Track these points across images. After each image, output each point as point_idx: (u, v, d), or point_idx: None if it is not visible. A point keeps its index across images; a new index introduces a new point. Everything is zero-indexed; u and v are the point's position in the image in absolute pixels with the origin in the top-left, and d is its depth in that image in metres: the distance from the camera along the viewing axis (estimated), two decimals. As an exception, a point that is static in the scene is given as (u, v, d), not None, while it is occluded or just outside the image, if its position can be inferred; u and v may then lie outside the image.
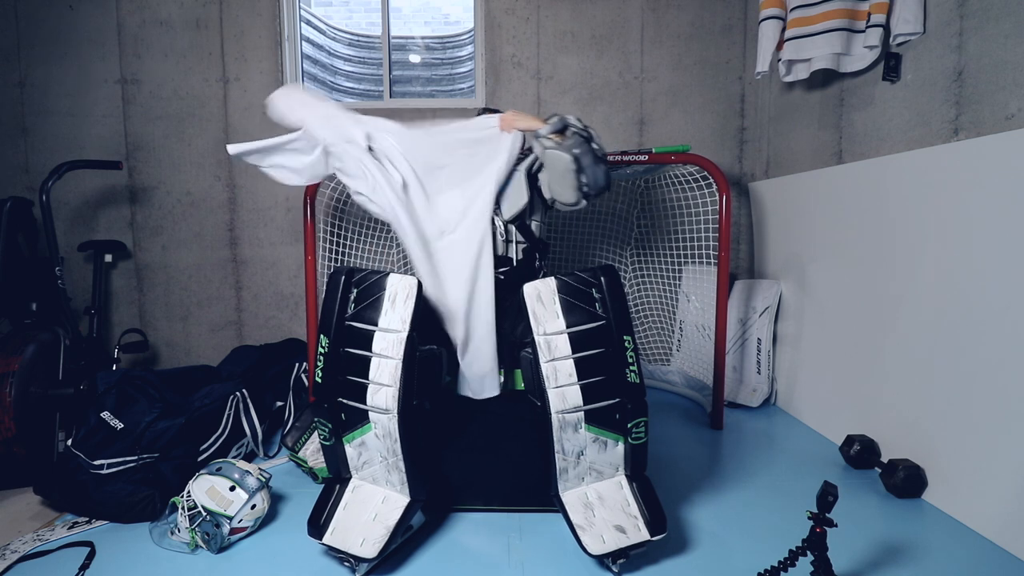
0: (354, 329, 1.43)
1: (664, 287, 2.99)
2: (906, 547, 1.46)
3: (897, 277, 1.89)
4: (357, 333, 1.43)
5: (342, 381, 1.43)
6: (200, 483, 1.51)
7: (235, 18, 2.96)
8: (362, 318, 1.43)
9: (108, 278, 3.03)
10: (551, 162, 1.61)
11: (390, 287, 1.44)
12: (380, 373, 1.40)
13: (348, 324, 1.44)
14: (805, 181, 2.50)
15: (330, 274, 1.49)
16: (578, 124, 1.63)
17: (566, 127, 1.63)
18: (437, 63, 3.24)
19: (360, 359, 1.42)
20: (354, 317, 1.44)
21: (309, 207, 2.32)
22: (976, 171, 1.59)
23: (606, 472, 1.45)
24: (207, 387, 2.06)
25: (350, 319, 1.44)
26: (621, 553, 1.33)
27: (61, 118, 2.95)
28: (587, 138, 1.61)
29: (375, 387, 1.40)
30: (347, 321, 1.44)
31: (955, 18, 1.72)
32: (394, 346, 1.39)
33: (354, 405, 1.42)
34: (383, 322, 1.41)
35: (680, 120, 3.05)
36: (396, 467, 1.43)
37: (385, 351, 1.40)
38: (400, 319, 1.41)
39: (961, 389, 1.62)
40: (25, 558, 1.45)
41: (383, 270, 1.50)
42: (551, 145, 1.60)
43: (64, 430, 2.05)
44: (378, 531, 1.37)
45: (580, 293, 1.43)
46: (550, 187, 1.67)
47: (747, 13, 2.96)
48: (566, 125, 1.63)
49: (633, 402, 1.39)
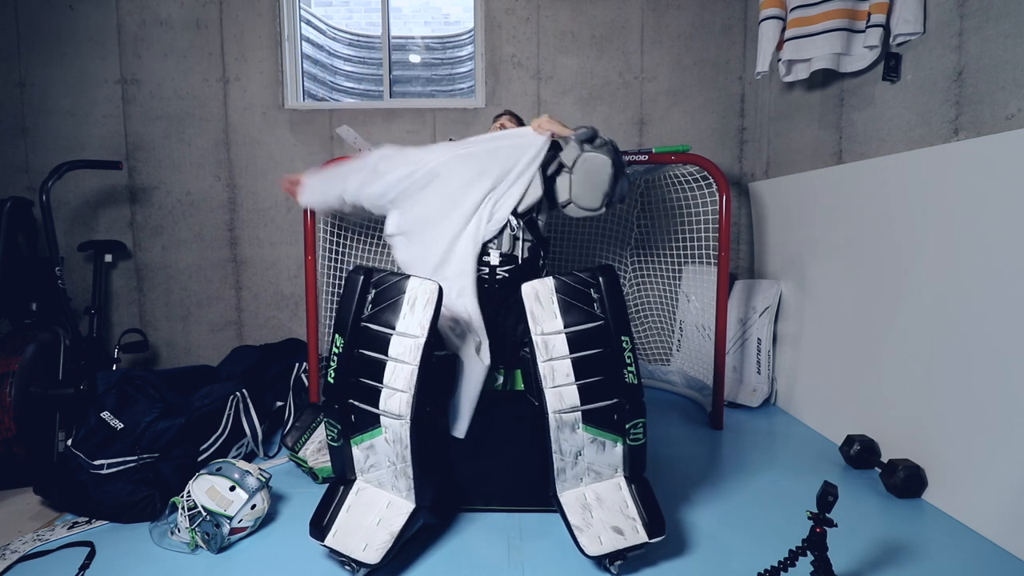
0: (370, 331, 1.40)
1: (664, 287, 2.99)
2: (906, 547, 1.46)
3: (897, 277, 1.89)
4: (373, 335, 1.40)
5: (355, 383, 1.40)
6: (200, 483, 1.51)
7: (235, 18, 2.96)
8: (379, 320, 1.40)
9: (108, 278, 3.03)
10: (589, 165, 1.67)
11: (410, 291, 1.40)
12: (395, 378, 1.37)
13: (364, 325, 1.41)
14: (805, 181, 2.50)
15: (348, 272, 1.45)
16: (604, 137, 1.71)
17: (595, 136, 1.69)
18: (437, 63, 3.24)
19: (375, 362, 1.39)
20: (371, 319, 1.41)
21: (309, 207, 2.31)
22: (976, 171, 1.59)
23: (604, 473, 1.45)
24: (207, 387, 2.06)
25: (366, 320, 1.41)
26: (619, 555, 1.32)
27: (61, 118, 2.95)
28: (615, 149, 1.69)
29: (389, 391, 1.37)
30: (363, 322, 1.41)
31: (955, 18, 1.72)
32: (411, 351, 1.36)
33: (366, 408, 1.39)
34: (401, 326, 1.38)
35: (680, 120, 3.05)
36: (404, 473, 1.41)
37: (402, 356, 1.37)
38: (419, 324, 1.37)
39: (961, 389, 1.62)
40: (25, 558, 1.45)
41: (403, 273, 1.46)
42: (590, 149, 1.66)
43: (64, 430, 2.05)
44: (381, 537, 1.35)
45: (578, 293, 1.42)
46: (573, 190, 1.71)
47: (747, 13, 2.96)
48: (596, 135, 1.70)
49: (631, 403, 1.39)
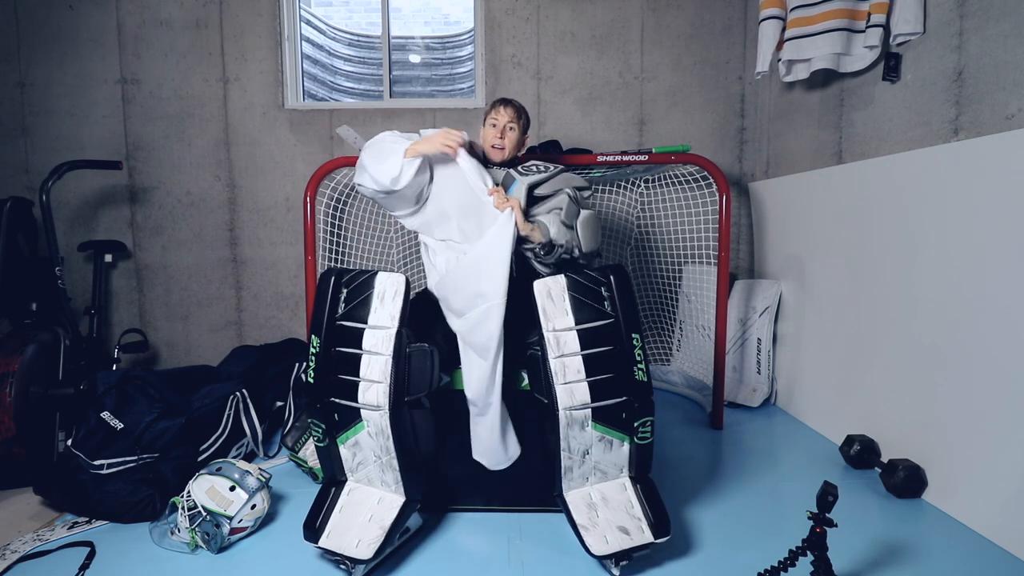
0: (345, 328, 1.45)
1: (664, 287, 2.99)
2: (906, 547, 1.46)
3: (897, 277, 1.89)
4: (348, 332, 1.44)
5: (334, 380, 1.44)
6: (200, 483, 1.51)
7: (235, 18, 2.96)
8: (352, 317, 1.45)
9: (108, 278, 3.03)
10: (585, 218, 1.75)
11: (379, 285, 1.45)
12: (371, 370, 1.41)
13: (339, 324, 1.45)
14: (805, 181, 2.50)
15: (320, 276, 1.50)
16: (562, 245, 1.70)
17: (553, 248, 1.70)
18: (437, 63, 3.24)
19: (351, 357, 1.43)
20: (345, 316, 1.45)
21: (309, 207, 2.32)
22: (976, 171, 1.59)
23: (610, 473, 1.45)
24: (207, 387, 2.06)
25: (341, 319, 1.46)
26: (624, 555, 1.33)
27: (61, 118, 2.95)
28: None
29: (366, 384, 1.40)
30: (338, 321, 1.46)
31: (955, 18, 1.72)
32: (383, 342, 1.41)
33: (346, 404, 1.42)
34: (372, 319, 1.43)
35: (680, 120, 3.05)
36: (390, 466, 1.43)
37: (375, 347, 1.41)
38: (389, 315, 1.42)
39: (961, 389, 1.62)
40: (25, 558, 1.45)
41: (372, 269, 1.52)
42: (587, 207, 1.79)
43: (64, 430, 2.04)
44: (373, 532, 1.36)
45: (589, 291, 1.44)
46: (582, 231, 1.74)
47: (747, 13, 2.96)
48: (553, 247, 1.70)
49: (640, 400, 1.39)
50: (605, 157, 2.29)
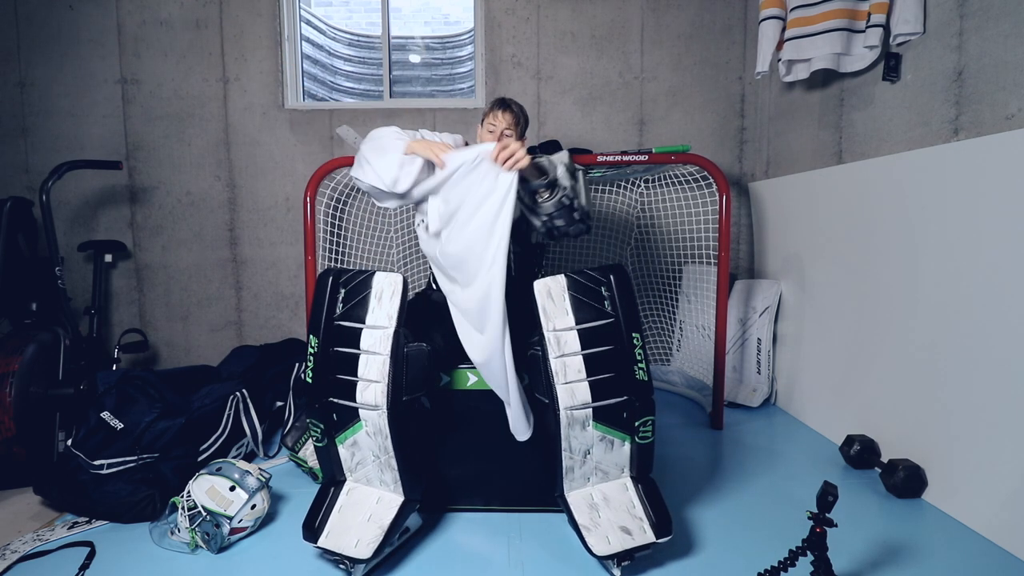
0: (343, 328, 1.45)
1: (664, 287, 2.99)
2: (906, 547, 1.46)
3: (897, 277, 1.89)
4: (345, 332, 1.45)
5: (332, 380, 1.44)
6: (200, 483, 1.51)
7: (235, 18, 2.96)
8: (350, 317, 1.45)
9: (108, 278, 3.03)
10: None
11: (376, 285, 1.46)
12: (368, 369, 1.41)
13: (337, 324, 1.46)
14: (805, 181, 2.50)
15: (318, 276, 1.50)
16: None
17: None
18: (437, 63, 3.24)
19: (349, 357, 1.43)
20: (342, 316, 1.46)
21: (309, 207, 2.32)
22: (976, 171, 1.59)
23: (612, 473, 1.45)
24: (207, 387, 2.06)
25: (338, 319, 1.46)
26: (626, 555, 1.33)
27: (61, 118, 2.95)
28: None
29: (364, 383, 1.41)
30: (336, 321, 1.46)
31: (955, 18, 1.72)
32: (381, 342, 1.41)
33: (344, 404, 1.43)
34: (370, 319, 1.43)
35: (680, 120, 3.05)
36: (388, 465, 1.43)
37: (373, 347, 1.41)
38: (386, 315, 1.43)
39: (961, 389, 1.62)
40: (25, 558, 1.45)
41: (370, 269, 1.52)
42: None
43: (64, 430, 2.04)
44: (372, 531, 1.37)
45: (589, 291, 1.45)
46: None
47: (747, 13, 2.96)
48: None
49: (641, 400, 1.40)
50: (605, 157, 2.29)
